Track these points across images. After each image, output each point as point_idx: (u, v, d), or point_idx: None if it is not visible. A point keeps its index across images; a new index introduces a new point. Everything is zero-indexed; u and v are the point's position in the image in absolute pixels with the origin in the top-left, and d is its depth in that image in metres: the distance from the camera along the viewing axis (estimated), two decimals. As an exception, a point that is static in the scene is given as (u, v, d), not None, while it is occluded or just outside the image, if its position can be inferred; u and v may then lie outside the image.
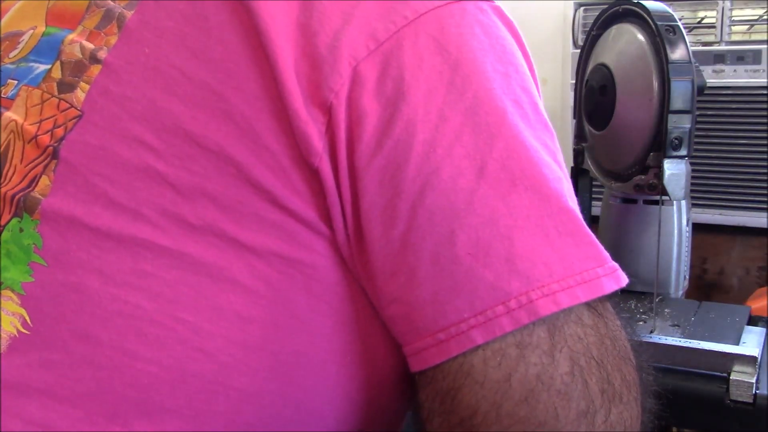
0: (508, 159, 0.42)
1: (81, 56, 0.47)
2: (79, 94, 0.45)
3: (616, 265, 0.44)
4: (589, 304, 0.42)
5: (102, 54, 0.46)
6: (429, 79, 0.42)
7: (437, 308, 0.42)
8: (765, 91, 1.57)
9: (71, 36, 0.48)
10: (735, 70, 1.60)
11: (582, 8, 1.72)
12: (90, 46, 0.46)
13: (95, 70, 0.46)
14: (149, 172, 0.43)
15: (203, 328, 0.42)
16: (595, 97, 0.88)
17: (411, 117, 0.42)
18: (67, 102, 0.46)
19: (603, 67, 0.87)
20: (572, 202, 0.44)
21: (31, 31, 0.50)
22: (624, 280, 0.44)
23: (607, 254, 0.44)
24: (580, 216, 0.44)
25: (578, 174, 0.96)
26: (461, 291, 0.41)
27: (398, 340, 0.44)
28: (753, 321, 0.86)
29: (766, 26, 1.58)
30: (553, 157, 0.45)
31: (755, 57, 1.58)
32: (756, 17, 1.60)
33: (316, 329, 0.44)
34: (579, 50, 0.95)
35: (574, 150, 0.95)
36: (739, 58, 1.60)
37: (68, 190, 0.44)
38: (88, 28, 0.48)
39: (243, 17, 0.43)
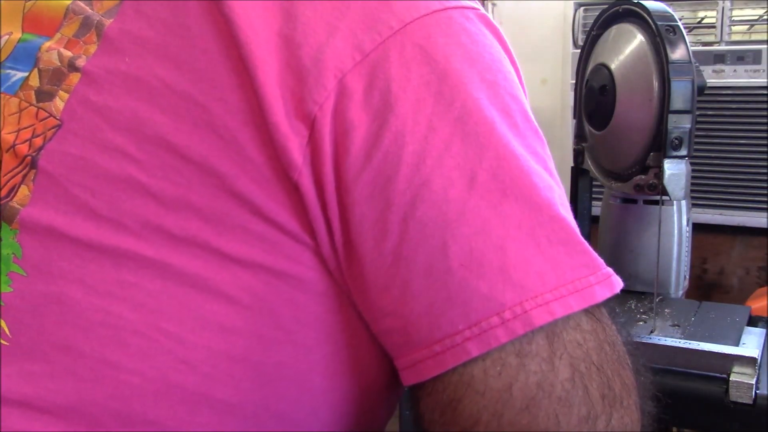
0: (498, 169, 0.42)
1: (59, 64, 0.46)
2: (58, 103, 0.45)
3: (610, 271, 0.44)
4: (587, 310, 0.42)
5: (81, 62, 0.45)
6: (417, 90, 0.42)
7: (432, 320, 0.41)
8: (765, 91, 1.57)
9: (48, 43, 0.47)
10: (735, 70, 1.60)
11: (582, 8, 1.71)
12: (68, 53, 0.46)
13: (74, 78, 0.45)
14: (131, 183, 0.42)
15: (187, 338, 0.42)
16: (595, 97, 0.88)
17: (399, 128, 0.41)
18: (45, 111, 0.45)
19: (603, 67, 0.86)
20: (564, 209, 0.44)
21: (7, 36, 0.49)
22: (618, 286, 0.44)
23: (600, 261, 0.44)
24: (571, 224, 0.44)
25: (578, 174, 0.96)
26: (455, 302, 0.41)
27: (391, 353, 0.44)
28: (753, 321, 0.86)
29: (766, 26, 1.58)
30: (543, 165, 0.44)
31: (755, 57, 1.58)
32: (756, 17, 1.60)
33: (301, 340, 0.44)
34: (579, 50, 0.95)
35: (574, 150, 0.95)
36: (739, 58, 1.59)
37: (48, 200, 0.43)
38: (67, 36, 0.47)
39: (223, 28, 0.43)
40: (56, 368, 0.41)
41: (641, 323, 0.83)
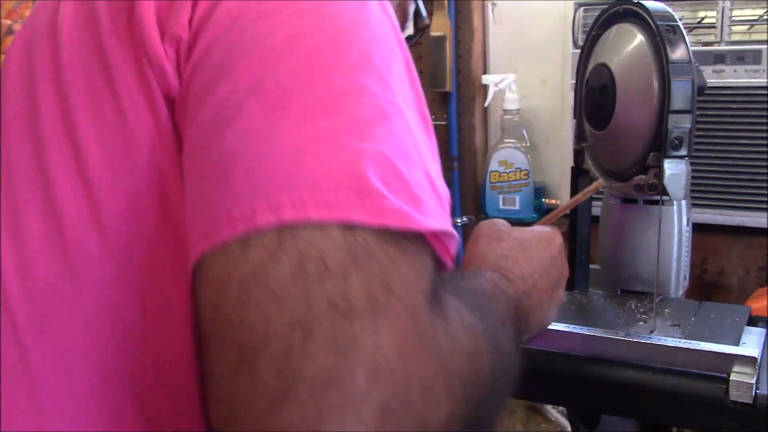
0: (289, 78, 0.42)
1: None
2: None
3: (400, 207, 0.40)
4: (343, 227, 0.39)
5: (16, 26, 0.51)
6: (244, 11, 0.44)
7: (194, 214, 0.43)
8: (765, 91, 1.57)
9: None
10: (735, 70, 1.60)
11: (582, 8, 1.71)
12: (7, 22, 0.52)
13: (9, 40, 0.51)
14: (57, 135, 0.46)
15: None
16: (595, 97, 0.88)
17: (222, 32, 0.44)
18: None
19: (603, 67, 0.86)
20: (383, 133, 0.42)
21: None
22: (406, 222, 0.41)
23: (387, 196, 0.40)
24: (391, 152, 0.42)
25: (578, 174, 0.96)
26: (208, 201, 0.42)
27: None
28: (753, 321, 0.86)
29: (766, 26, 1.57)
30: (358, 88, 0.43)
31: (755, 57, 1.58)
32: (756, 17, 1.60)
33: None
34: (579, 50, 0.95)
35: (574, 150, 0.95)
36: (739, 58, 1.59)
37: None
38: (7, 9, 0.54)
39: None
40: None
41: (641, 323, 0.83)
